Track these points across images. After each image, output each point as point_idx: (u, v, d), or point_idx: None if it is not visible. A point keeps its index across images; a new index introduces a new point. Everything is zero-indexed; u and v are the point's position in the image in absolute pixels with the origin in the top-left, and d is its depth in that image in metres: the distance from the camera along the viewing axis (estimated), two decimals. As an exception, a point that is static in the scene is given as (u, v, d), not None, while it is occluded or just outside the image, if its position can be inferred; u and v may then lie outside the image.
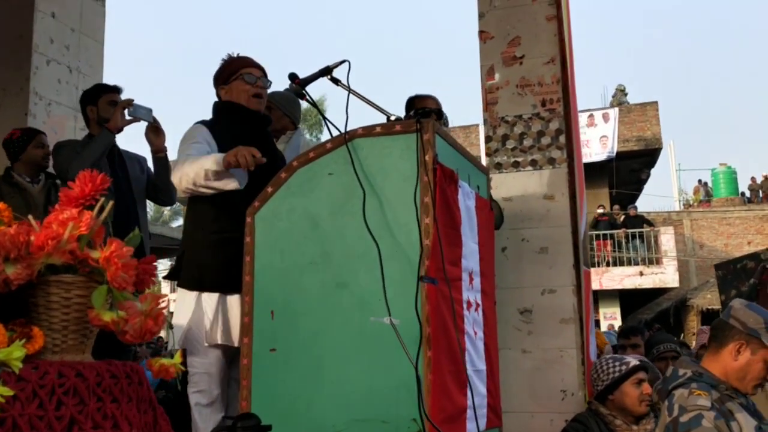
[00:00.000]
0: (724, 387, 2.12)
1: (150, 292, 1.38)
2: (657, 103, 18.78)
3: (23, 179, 3.50)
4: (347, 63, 2.49)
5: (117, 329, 1.28)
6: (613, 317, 16.61)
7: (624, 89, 20.18)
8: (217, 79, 2.77)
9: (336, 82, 2.52)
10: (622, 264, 16.42)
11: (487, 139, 3.67)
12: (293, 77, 2.56)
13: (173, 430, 1.61)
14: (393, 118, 2.39)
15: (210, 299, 2.55)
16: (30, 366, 1.21)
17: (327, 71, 2.53)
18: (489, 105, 3.66)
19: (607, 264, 16.38)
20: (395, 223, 2.19)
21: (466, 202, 2.44)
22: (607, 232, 16.60)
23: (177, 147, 2.69)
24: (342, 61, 2.51)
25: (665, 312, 16.86)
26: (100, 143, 3.22)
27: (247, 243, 2.33)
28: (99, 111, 3.38)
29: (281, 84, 3.03)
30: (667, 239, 16.45)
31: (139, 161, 3.54)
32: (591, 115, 17.76)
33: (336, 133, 2.31)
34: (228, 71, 2.74)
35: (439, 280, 2.15)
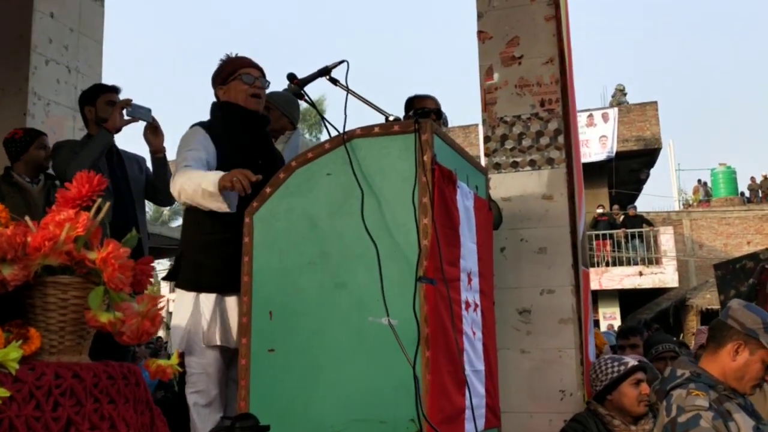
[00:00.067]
0: (722, 387, 2.12)
1: (148, 293, 1.38)
2: (656, 103, 18.79)
3: (23, 179, 3.49)
4: (346, 63, 2.49)
5: (114, 330, 1.28)
6: (613, 317, 16.61)
7: (623, 89, 20.17)
8: (215, 80, 2.77)
9: (335, 82, 2.51)
10: (621, 264, 16.41)
11: (486, 140, 3.66)
12: (292, 77, 2.55)
13: (171, 430, 1.61)
14: (391, 118, 2.39)
15: (207, 300, 2.55)
16: (27, 367, 1.21)
17: (326, 71, 2.53)
18: (488, 105, 3.66)
19: (607, 264, 16.38)
20: (394, 224, 2.19)
21: (464, 202, 2.43)
22: (607, 232, 16.60)
23: (176, 148, 2.69)
24: (341, 62, 2.51)
25: (665, 312, 16.85)
26: (98, 143, 3.22)
27: (246, 243, 2.33)
28: (97, 111, 3.38)
29: (280, 84, 3.03)
30: (667, 239, 16.45)
31: (138, 161, 3.54)
32: (590, 115, 17.76)
33: (334, 133, 2.31)
34: (226, 71, 2.73)
35: (438, 280, 2.15)
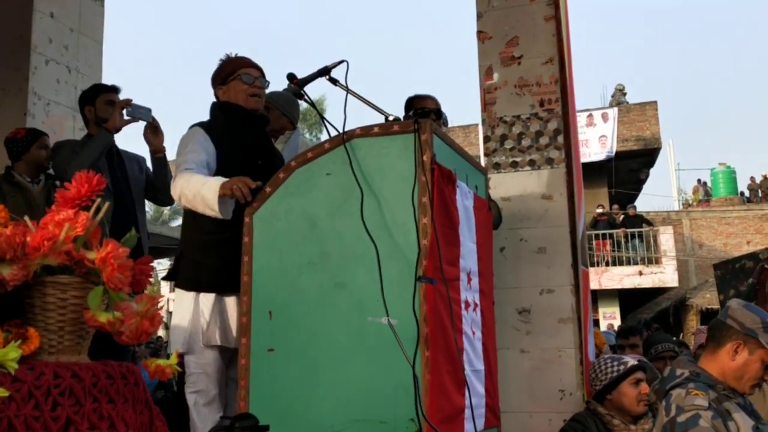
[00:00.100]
0: (721, 387, 2.12)
1: (147, 292, 1.38)
2: (656, 103, 18.77)
3: (24, 179, 3.50)
4: (345, 63, 2.49)
5: (113, 330, 1.28)
6: (613, 317, 16.61)
7: (623, 89, 20.15)
8: (215, 80, 2.77)
9: (334, 82, 2.51)
10: (621, 264, 16.41)
11: (486, 139, 3.66)
12: (291, 77, 2.55)
13: (170, 430, 1.61)
14: (391, 118, 2.39)
15: (207, 300, 2.55)
16: (26, 367, 1.22)
17: (325, 71, 2.53)
18: (487, 105, 3.66)
19: (607, 264, 16.38)
20: (393, 224, 2.19)
21: (464, 202, 2.43)
22: (607, 231, 16.60)
23: (176, 147, 2.69)
24: (340, 62, 2.51)
25: (664, 312, 16.85)
26: (98, 143, 3.22)
27: (245, 243, 2.33)
28: (97, 111, 3.38)
29: (280, 84, 3.03)
30: (667, 239, 16.45)
31: (138, 161, 3.54)
32: (590, 115, 17.75)
33: (334, 133, 2.31)
34: (226, 71, 2.73)
35: (437, 280, 2.15)
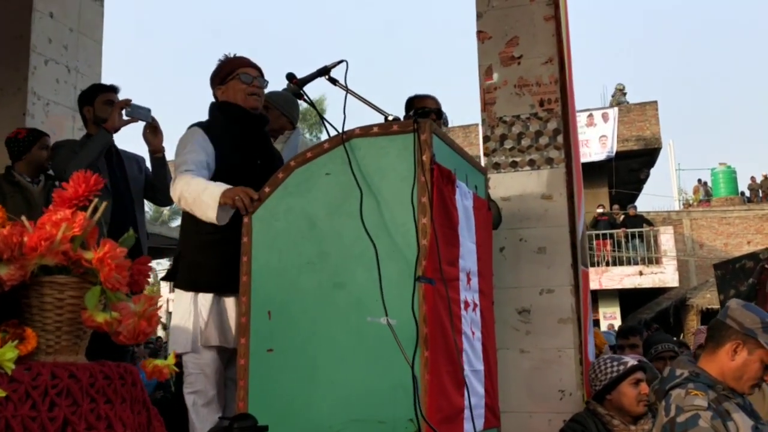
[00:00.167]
0: (721, 387, 2.12)
1: (145, 293, 1.38)
2: (656, 103, 18.76)
3: (24, 179, 3.50)
4: (345, 63, 2.49)
5: (110, 330, 1.28)
6: (613, 317, 16.61)
7: (623, 88, 20.14)
8: (214, 80, 2.76)
9: (334, 82, 2.51)
10: (621, 264, 16.41)
11: (485, 139, 3.66)
12: (291, 77, 2.55)
13: (169, 430, 1.61)
14: (390, 118, 2.38)
15: (205, 300, 2.55)
16: (23, 367, 1.21)
17: (325, 71, 2.53)
18: (487, 105, 3.66)
19: (607, 264, 16.37)
20: (392, 223, 2.19)
21: (463, 202, 2.43)
22: (607, 231, 16.59)
23: (175, 148, 2.68)
24: (340, 61, 2.51)
25: (665, 312, 16.84)
26: (97, 143, 3.22)
27: (245, 243, 2.33)
28: (95, 111, 3.38)
29: (279, 84, 3.03)
30: (667, 239, 16.44)
31: (137, 161, 3.54)
32: (590, 115, 17.75)
33: (333, 133, 2.31)
34: (224, 71, 2.73)
35: (437, 280, 2.14)
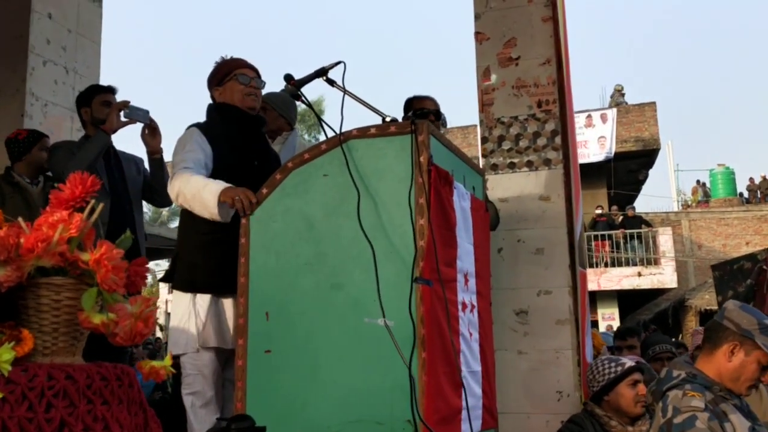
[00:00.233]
0: (718, 388, 2.12)
1: (145, 293, 1.38)
2: (655, 104, 18.76)
3: (23, 180, 3.50)
4: (343, 64, 2.49)
5: (107, 331, 1.28)
6: (612, 318, 16.61)
7: (622, 89, 20.13)
8: (211, 81, 2.77)
9: (331, 83, 2.51)
10: (620, 265, 16.41)
11: (483, 140, 3.66)
12: (289, 78, 2.55)
13: (167, 431, 1.61)
14: (388, 119, 2.38)
15: (203, 301, 2.55)
16: (19, 368, 1.21)
17: (322, 72, 2.53)
18: (485, 106, 3.66)
19: (606, 265, 16.38)
20: (390, 225, 2.19)
21: (461, 203, 2.43)
22: (606, 232, 16.60)
23: (173, 150, 2.69)
24: (337, 63, 2.51)
25: (663, 313, 16.86)
26: (95, 144, 3.22)
27: (242, 244, 2.33)
28: (93, 112, 3.38)
29: (277, 85, 3.03)
30: (666, 240, 16.45)
31: (136, 162, 3.54)
32: (589, 116, 17.75)
33: (331, 134, 2.31)
34: (222, 73, 2.73)
35: (434, 281, 2.14)
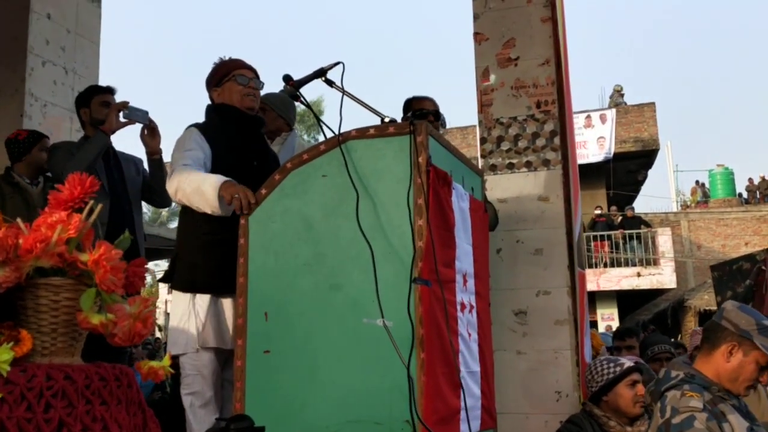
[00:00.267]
0: (716, 388, 2.12)
1: (144, 294, 1.38)
2: (654, 104, 18.76)
3: (23, 180, 3.51)
4: (341, 65, 2.49)
5: (106, 332, 1.28)
6: (611, 318, 16.61)
7: (621, 89, 20.13)
8: (210, 82, 2.77)
9: (330, 83, 2.52)
10: (619, 265, 16.41)
11: (482, 141, 3.67)
12: (288, 79, 2.56)
13: (164, 431, 1.61)
14: (387, 119, 2.39)
15: (202, 301, 2.55)
16: (18, 369, 1.22)
17: (321, 73, 2.53)
18: (484, 107, 3.66)
19: (605, 265, 16.38)
20: (389, 225, 2.19)
21: (459, 203, 2.43)
22: (605, 233, 16.60)
23: (172, 150, 2.69)
24: (336, 63, 2.51)
25: (663, 313, 16.86)
26: (94, 145, 3.22)
27: (241, 245, 2.33)
28: (92, 112, 3.39)
29: (275, 86, 3.03)
30: (665, 240, 16.45)
31: (135, 162, 3.54)
32: (588, 116, 17.74)
33: (330, 135, 2.31)
34: (220, 73, 2.74)
35: (433, 281, 2.15)
